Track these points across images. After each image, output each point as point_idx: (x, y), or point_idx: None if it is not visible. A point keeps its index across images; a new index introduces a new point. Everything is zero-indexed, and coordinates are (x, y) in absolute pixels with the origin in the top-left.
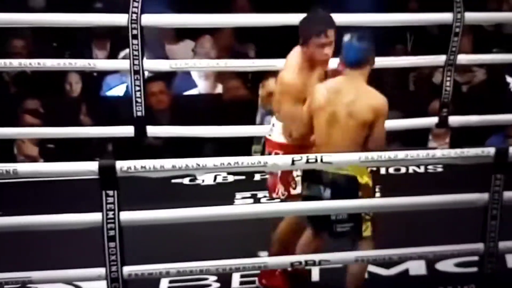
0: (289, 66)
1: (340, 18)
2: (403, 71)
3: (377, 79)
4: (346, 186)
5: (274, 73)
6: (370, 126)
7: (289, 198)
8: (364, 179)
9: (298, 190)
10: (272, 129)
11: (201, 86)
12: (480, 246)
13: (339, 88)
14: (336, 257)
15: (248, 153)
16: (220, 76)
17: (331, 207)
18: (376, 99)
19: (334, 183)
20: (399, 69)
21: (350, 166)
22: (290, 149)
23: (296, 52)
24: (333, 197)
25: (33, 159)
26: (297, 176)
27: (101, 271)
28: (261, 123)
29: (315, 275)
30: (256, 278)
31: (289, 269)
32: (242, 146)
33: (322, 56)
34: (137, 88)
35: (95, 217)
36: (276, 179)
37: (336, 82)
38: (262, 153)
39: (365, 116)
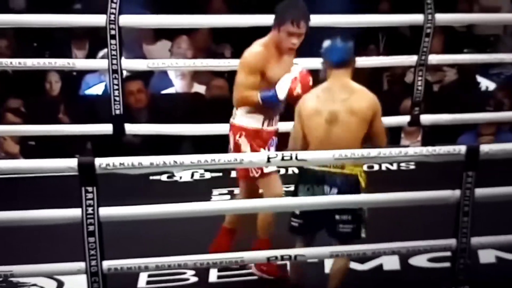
0: (253, 44)
1: (313, 20)
2: (377, 71)
3: (352, 79)
4: (351, 185)
5: None
6: (370, 122)
7: (262, 177)
8: (362, 177)
9: (271, 168)
10: (235, 113)
11: (178, 85)
12: (452, 242)
13: (330, 88)
14: (312, 252)
15: (225, 150)
16: (198, 76)
17: (305, 203)
18: (369, 95)
19: (340, 182)
20: (373, 69)
21: (350, 165)
22: (251, 131)
23: (266, 37)
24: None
25: (14, 156)
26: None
27: (81, 265)
28: None
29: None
30: (233, 272)
31: None
32: (220, 144)
33: (288, 44)
34: (115, 87)
35: (75, 212)
36: None
37: (324, 84)
38: None
39: (365, 113)
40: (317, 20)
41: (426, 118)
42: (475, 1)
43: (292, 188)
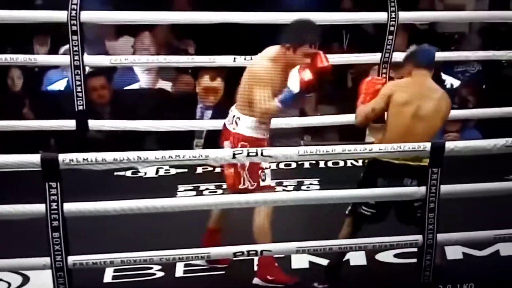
0: (262, 59)
1: (278, 17)
2: (342, 69)
3: None
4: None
5: (209, 70)
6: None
7: (258, 189)
8: None
9: (267, 181)
10: (237, 123)
11: (143, 81)
12: (419, 238)
13: (419, 84)
14: (278, 247)
15: (189, 147)
16: (163, 72)
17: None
18: (447, 97)
19: (420, 173)
20: (337, 67)
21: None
22: (255, 142)
23: (274, 49)
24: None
25: None
26: (266, 168)
27: (46, 260)
28: (201, 118)
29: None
30: (199, 267)
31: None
32: (184, 140)
33: (302, 63)
34: (78, 82)
35: (39, 208)
36: (239, 171)
37: (415, 80)
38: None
39: (445, 113)
40: (283, 17)
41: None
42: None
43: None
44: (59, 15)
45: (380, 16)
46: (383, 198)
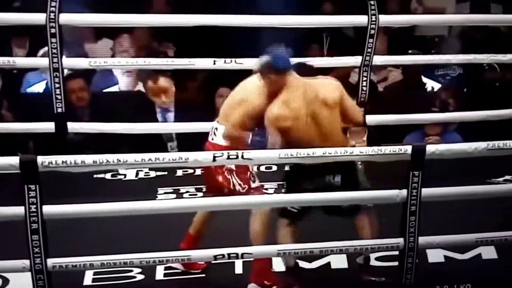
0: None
1: (257, 20)
2: (322, 72)
3: None
4: (352, 170)
5: (151, 73)
6: (341, 103)
7: (249, 191)
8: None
9: (257, 183)
10: (216, 133)
11: (122, 84)
12: (400, 241)
13: (293, 92)
14: (258, 250)
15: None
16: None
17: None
18: (327, 80)
19: (343, 169)
20: (317, 70)
21: None
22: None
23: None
24: (343, 182)
25: None
26: (253, 170)
27: (25, 262)
28: (164, 120)
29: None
30: (180, 270)
31: None
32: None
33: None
34: (57, 85)
35: (18, 210)
36: (226, 175)
37: (289, 89)
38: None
39: (334, 96)
40: (262, 20)
41: (372, 118)
42: (420, 2)
43: None
44: (38, 18)
45: (360, 20)
46: (364, 201)
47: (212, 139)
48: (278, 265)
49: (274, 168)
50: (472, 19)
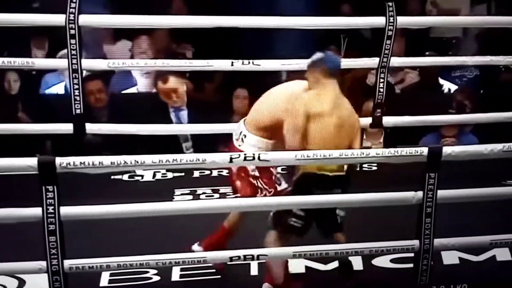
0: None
1: (275, 21)
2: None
3: None
4: (348, 184)
5: (161, 73)
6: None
7: (276, 194)
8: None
9: (283, 185)
10: (244, 140)
11: (140, 85)
12: (415, 243)
13: (330, 94)
14: (274, 252)
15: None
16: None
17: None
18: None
19: (341, 182)
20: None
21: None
22: None
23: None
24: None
25: None
26: (278, 173)
27: (42, 264)
28: (178, 120)
29: None
30: (195, 272)
31: None
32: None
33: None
34: (76, 86)
35: (35, 211)
36: (252, 181)
37: (327, 90)
38: None
39: (356, 123)
40: (280, 22)
41: (388, 120)
42: (435, 5)
43: None
44: (57, 19)
45: (378, 21)
46: (380, 203)
47: (239, 145)
48: (294, 267)
49: None
50: (489, 21)
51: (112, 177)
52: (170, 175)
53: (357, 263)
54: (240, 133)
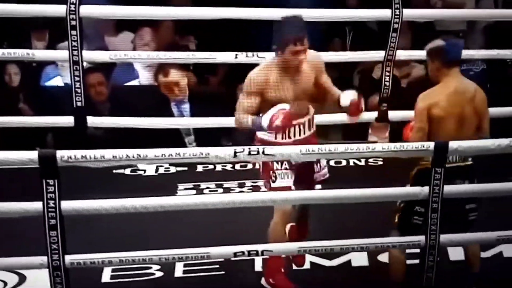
0: (257, 67)
1: (280, 13)
2: (345, 66)
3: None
4: (472, 174)
5: (162, 66)
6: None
7: (270, 191)
8: None
9: (278, 183)
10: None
11: (143, 77)
12: (421, 238)
13: (455, 87)
14: (279, 247)
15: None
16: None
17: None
18: (480, 88)
19: (470, 173)
20: (341, 64)
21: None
22: (267, 144)
23: (269, 57)
24: None
25: None
26: (277, 169)
27: (43, 259)
28: (180, 113)
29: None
30: (198, 267)
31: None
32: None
33: (296, 62)
34: (77, 78)
35: (36, 205)
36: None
37: (448, 84)
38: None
39: (482, 107)
40: (285, 14)
41: (394, 114)
42: None
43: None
44: (58, 10)
45: (384, 14)
46: (386, 198)
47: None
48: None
49: (250, 166)
50: (496, 14)
51: (114, 171)
52: (173, 169)
53: (362, 259)
54: None
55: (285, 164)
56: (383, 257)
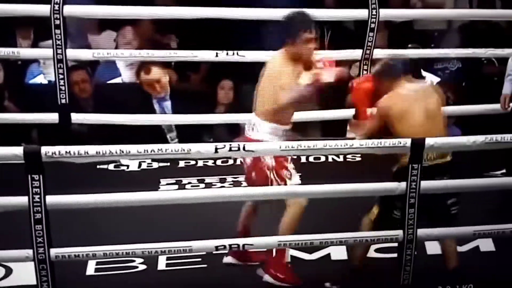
0: (272, 60)
1: (259, 13)
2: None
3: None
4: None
5: (143, 64)
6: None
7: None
8: None
9: (294, 180)
10: (254, 129)
11: (125, 75)
12: (399, 233)
13: (413, 88)
14: (259, 241)
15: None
16: None
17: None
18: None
19: (450, 170)
20: None
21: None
22: None
23: (279, 52)
24: None
25: None
26: (290, 169)
27: (29, 252)
28: (162, 110)
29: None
30: (181, 260)
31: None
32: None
33: (308, 51)
34: (61, 76)
35: (22, 200)
36: (266, 172)
37: (405, 86)
38: None
39: (437, 108)
40: (265, 14)
41: (372, 111)
42: None
43: None
44: (42, 9)
45: (361, 13)
46: (364, 193)
47: (250, 135)
48: None
49: (231, 161)
50: (471, 13)
51: (98, 166)
52: (155, 165)
53: (341, 253)
54: (251, 123)
55: (292, 163)
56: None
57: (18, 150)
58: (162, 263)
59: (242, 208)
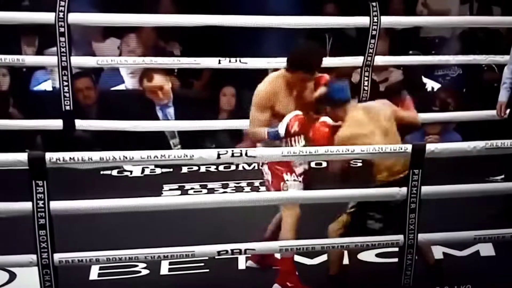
0: (265, 79)
1: (261, 20)
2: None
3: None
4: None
5: (146, 71)
6: (395, 117)
7: None
8: None
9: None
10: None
11: (128, 82)
12: (400, 237)
13: (363, 110)
14: (261, 246)
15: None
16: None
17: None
18: (380, 104)
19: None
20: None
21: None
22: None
23: (276, 72)
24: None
25: None
26: (287, 180)
27: (32, 257)
28: (165, 117)
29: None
30: (184, 265)
31: None
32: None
33: (303, 88)
34: (65, 83)
35: (26, 206)
36: (267, 185)
37: (354, 111)
38: None
39: (389, 114)
40: (267, 21)
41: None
42: (425, 5)
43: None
44: (47, 17)
45: (362, 21)
46: (363, 199)
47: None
48: None
49: (233, 167)
50: (472, 21)
51: (102, 172)
52: (158, 170)
53: (344, 258)
54: None
55: (294, 176)
56: (363, 256)
57: (23, 156)
58: (165, 268)
59: (276, 215)
